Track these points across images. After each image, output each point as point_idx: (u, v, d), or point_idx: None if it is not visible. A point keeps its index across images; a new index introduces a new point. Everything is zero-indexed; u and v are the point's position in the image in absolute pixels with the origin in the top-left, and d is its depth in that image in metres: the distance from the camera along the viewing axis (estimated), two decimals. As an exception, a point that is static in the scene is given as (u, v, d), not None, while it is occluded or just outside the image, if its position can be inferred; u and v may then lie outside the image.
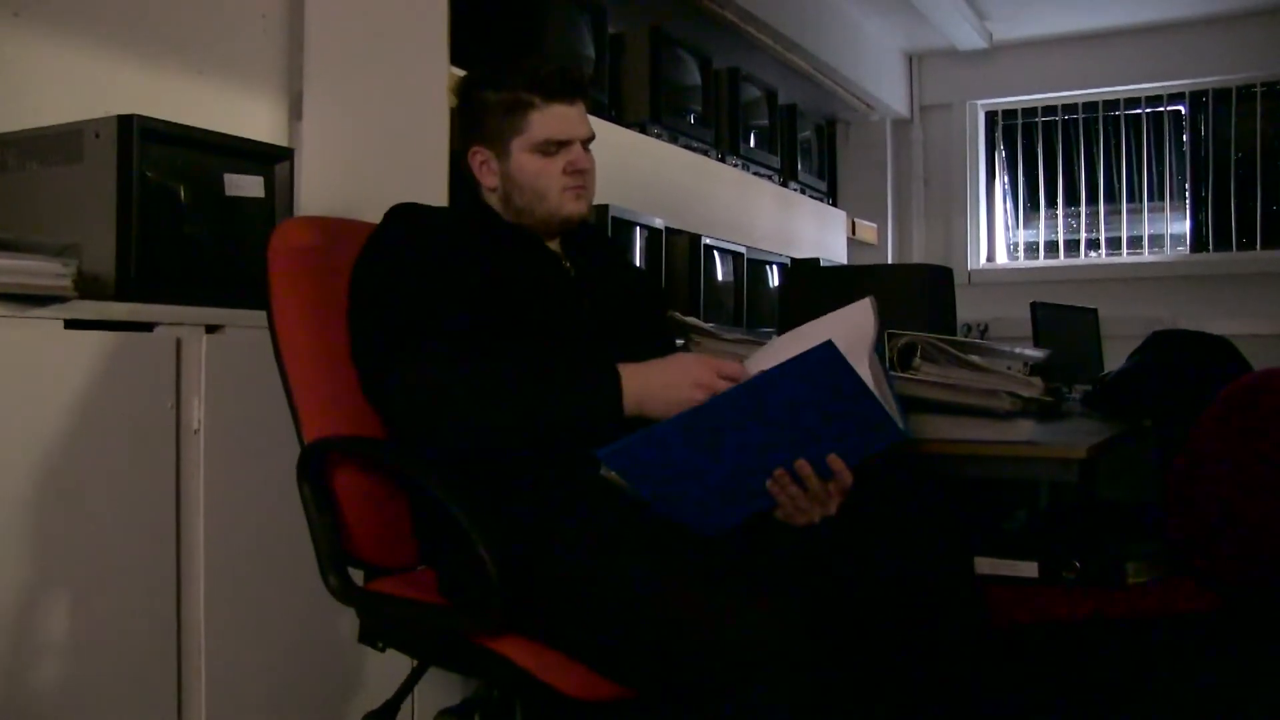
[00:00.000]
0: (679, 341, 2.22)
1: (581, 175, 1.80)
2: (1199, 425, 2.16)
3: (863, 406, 1.49)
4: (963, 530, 1.99)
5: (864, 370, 1.50)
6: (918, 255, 6.22)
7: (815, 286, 2.72)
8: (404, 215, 1.75)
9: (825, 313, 2.35)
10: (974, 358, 2.15)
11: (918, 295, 2.48)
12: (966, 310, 6.04)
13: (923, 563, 1.69)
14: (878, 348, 1.71)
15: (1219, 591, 2.03)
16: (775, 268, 4.14)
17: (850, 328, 1.63)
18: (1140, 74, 5.74)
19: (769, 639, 1.30)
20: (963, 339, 2.21)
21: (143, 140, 1.93)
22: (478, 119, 1.83)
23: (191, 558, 1.94)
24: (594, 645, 1.45)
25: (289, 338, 1.71)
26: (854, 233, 5.53)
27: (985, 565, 2.07)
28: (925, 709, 1.70)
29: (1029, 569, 2.05)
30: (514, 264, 1.76)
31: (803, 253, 4.70)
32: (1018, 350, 2.26)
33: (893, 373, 2.06)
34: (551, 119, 1.78)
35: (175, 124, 2.02)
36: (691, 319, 2.29)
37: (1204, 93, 5.67)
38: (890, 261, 6.04)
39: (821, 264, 4.56)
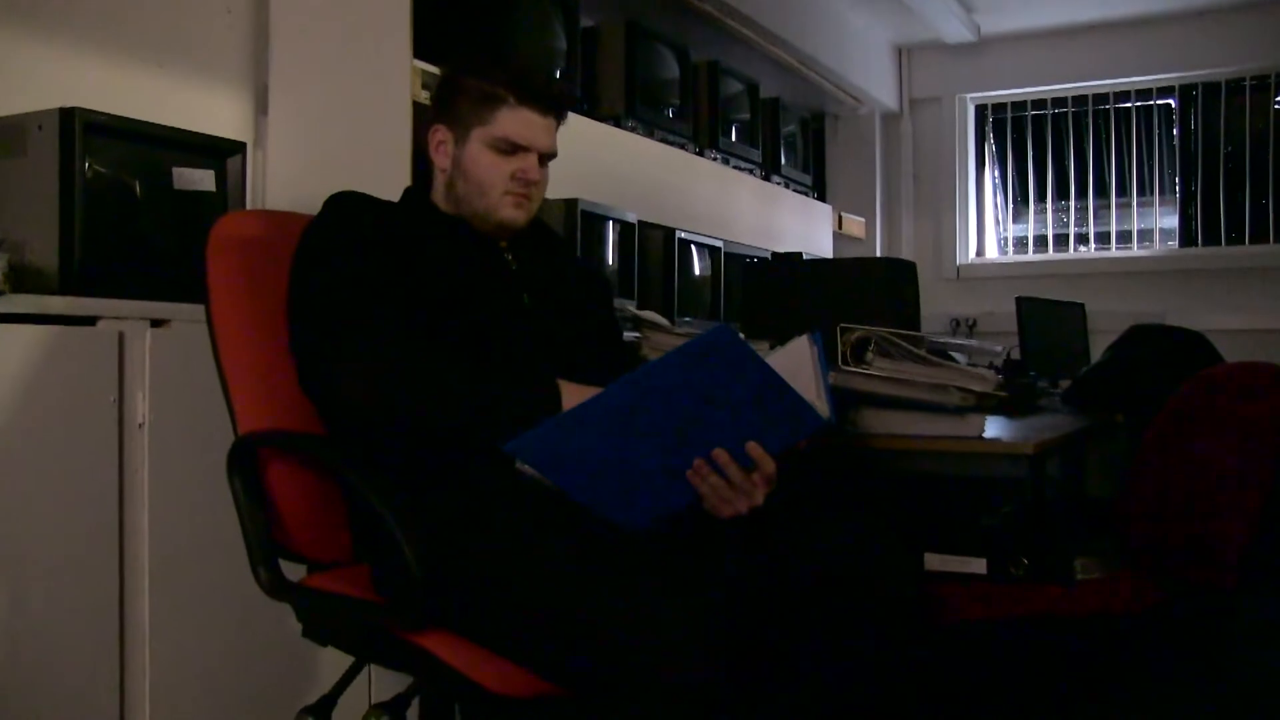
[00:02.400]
0: (633, 335, 2.21)
1: (528, 186, 1.79)
2: (1155, 422, 2.16)
3: (776, 393, 1.47)
4: (908, 525, 1.98)
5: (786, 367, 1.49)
6: (907, 250, 6.20)
7: (776, 281, 2.71)
8: (343, 204, 1.74)
9: (784, 306, 2.36)
10: (928, 353, 2.13)
11: (879, 290, 2.46)
12: (955, 305, 6.04)
13: (865, 558, 1.68)
14: (814, 337, 1.70)
15: (1166, 589, 2.02)
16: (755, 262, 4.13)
17: (791, 357, 1.64)
18: (1130, 67, 5.71)
19: (682, 635, 1.29)
20: (918, 334, 2.19)
21: (86, 133, 1.92)
22: (449, 100, 1.83)
23: (136, 553, 1.93)
24: (518, 642, 1.45)
25: (226, 331, 1.71)
26: (840, 227, 5.52)
27: (935, 561, 2.06)
28: (868, 704, 1.70)
29: (978, 565, 2.04)
30: (454, 255, 1.76)
31: (786, 247, 4.68)
32: (977, 345, 2.25)
33: (845, 367, 2.04)
34: (518, 121, 1.77)
35: (120, 117, 2.01)
36: (647, 313, 2.28)
37: (1194, 86, 5.64)
38: (879, 256, 6.03)
39: (804, 258, 4.56)
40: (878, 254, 6.05)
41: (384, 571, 1.59)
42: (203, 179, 2.16)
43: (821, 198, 5.65)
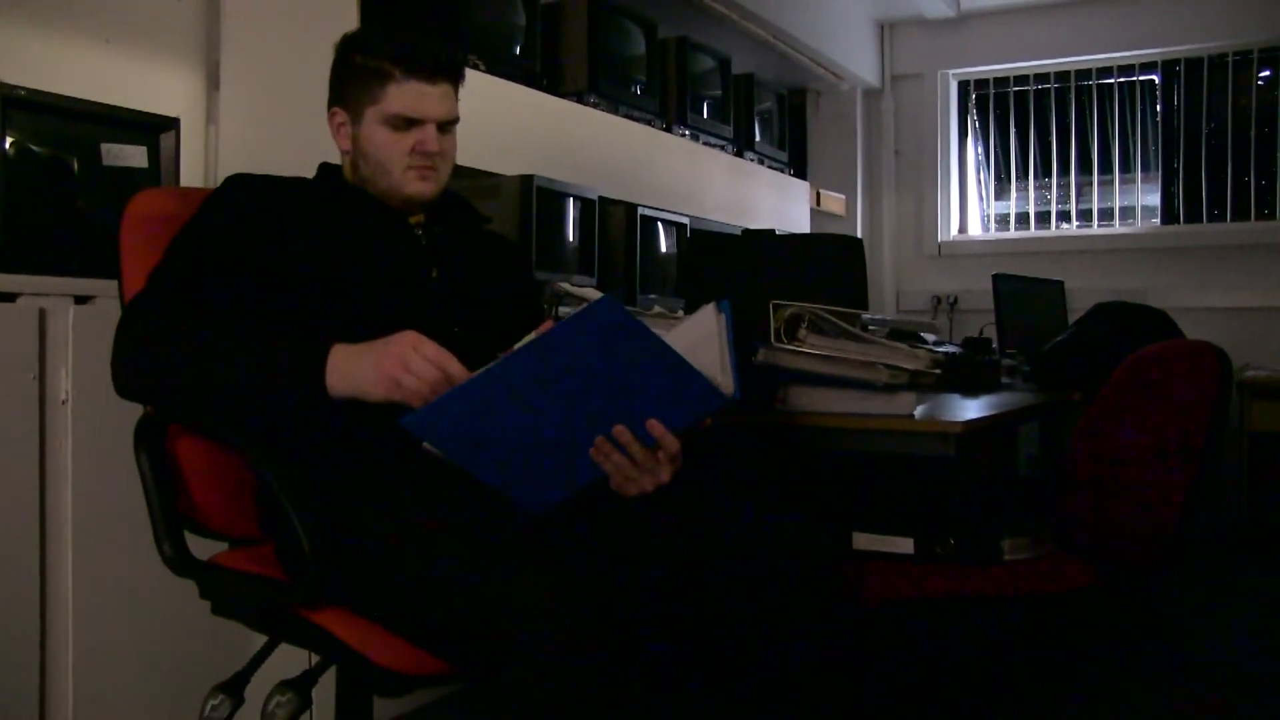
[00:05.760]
0: (562, 310, 2.20)
1: (429, 157, 1.75)
2: (1094, 401, 2.14)
3: (671, 368, 1.45)
4: (836, 505, 1.97)
5: (683, 344, 1.47)
6: (888, 227, 6.18)
7: (719, 257, 2.69)
8: (232, 183, 1.71)
9: (728, 283, 2.34)
10: (861, 330, 2.12)
11: (825, 266, 2.45)
12: (936, 282, 6.03)
13: (780, 538, 1.67)
14: (722, 305, 1.66)
15: (1097, 568, 2.01)
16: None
17: (696, 329, 1.62)
18: (1113, 43, 5.67)
19: (559, 614, 1.28)
20: (853, 311, 2.17)
21: (7, 107, 1.92)
22: (342, 82, 1.80)
23: (58, 530, 1.93)
24: (406, 620, 1.45)
25: (136, 308, 1.69)
26: (819, 203, 5.49)
27: (862, 541, 2.05)
28: (785, 687, 1.69)
29: (906, 545, 2.03)
30: (357, 231, 1.73)
31: (760, 223, 4.65)
32: (915, 320, 2.24)
33: (777, 343, 2.03)
34: (406, 95, 1.74)
35: (43, 92, 2.00)
36: (585, 290, 2.27)
37: (1176, 62, 5.60)
38: (859, 234, 6.00)
39: (777, 234, 4.53)
40: (858, 232, 6.02)
41: (283, 547, 1.58)
42: (134, 155, 2.15)
43: (801, 174, 5.62)
